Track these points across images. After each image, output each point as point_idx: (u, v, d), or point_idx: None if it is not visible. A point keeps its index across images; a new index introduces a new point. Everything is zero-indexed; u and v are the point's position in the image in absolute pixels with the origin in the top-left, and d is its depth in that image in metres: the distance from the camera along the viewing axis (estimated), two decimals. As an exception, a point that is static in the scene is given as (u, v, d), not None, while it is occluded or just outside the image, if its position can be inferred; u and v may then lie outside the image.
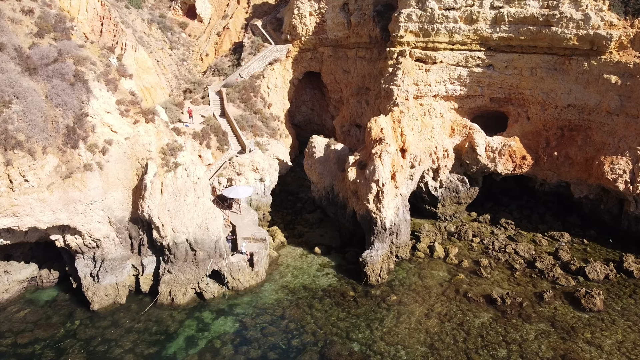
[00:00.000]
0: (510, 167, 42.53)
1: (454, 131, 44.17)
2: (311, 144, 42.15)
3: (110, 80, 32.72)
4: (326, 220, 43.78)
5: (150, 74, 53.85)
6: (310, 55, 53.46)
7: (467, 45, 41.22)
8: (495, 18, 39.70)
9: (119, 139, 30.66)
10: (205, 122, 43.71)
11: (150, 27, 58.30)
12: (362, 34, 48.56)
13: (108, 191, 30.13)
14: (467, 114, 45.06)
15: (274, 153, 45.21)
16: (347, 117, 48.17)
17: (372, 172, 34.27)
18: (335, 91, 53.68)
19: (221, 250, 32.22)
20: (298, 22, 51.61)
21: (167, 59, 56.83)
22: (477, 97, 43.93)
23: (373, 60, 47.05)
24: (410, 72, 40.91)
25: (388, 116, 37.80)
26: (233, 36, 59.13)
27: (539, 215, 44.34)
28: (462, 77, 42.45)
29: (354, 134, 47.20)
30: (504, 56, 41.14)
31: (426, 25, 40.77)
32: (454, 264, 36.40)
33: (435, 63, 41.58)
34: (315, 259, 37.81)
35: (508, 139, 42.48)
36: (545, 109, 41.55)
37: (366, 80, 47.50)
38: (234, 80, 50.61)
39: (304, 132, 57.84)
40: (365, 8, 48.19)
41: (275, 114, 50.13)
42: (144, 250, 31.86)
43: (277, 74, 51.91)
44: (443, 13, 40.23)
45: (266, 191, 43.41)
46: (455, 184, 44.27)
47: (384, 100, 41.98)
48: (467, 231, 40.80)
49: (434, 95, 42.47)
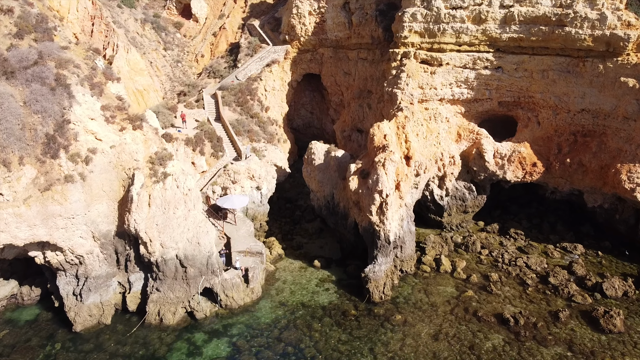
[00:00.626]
0: (520, 174, 40.42)
1: (460, 136, 42.03)
2: (310, 150, 40.03)
3: (96, 84, 30.60)
4: (326, 231, 41.67)
5: (143, 76, 51.72)
6: (310, 56, 51.30)
7: (474, 47, 39.08)
8: (504, 17, 37.57)
9: (103, 147, 28.54)
10: (199, 127, 41.58)
11: (143, 27, 56.19)
12: (363, 35, 46.40)
13: (92, 204, 28.03)
14: (474, 119, 42.94)
15: (271, 159, 43.08)
16: (348, 121, 46.04)
17: (375, 182, 32.14)
18: (335, 94, 51.52)
19: (213, 267, 30.10)
20: (297, 22, 49.46)
21: (161, 60, 54.72)
22: (484, 100, 41.81)
23: (375, 62, 44.91)
24: (414, 74, 38.77)
25: (392, 122, 35.66)
26: (230, 36, 57.01)
27: (550, 225, 42.21)
28: (469, 79, 40.33)
29: (356, 139, 45.06)
30: (513, 58, 39.00)
31: (432, 25, 38.63)
32: (462, 279, 34.26)
33: (441, 65, 39.44)
34: (314, 272, 35.68)
35: (517, 145, 40.35)
36: (557, 114, 39.40)
37: (368, 82, 45.35)
38: (229, 82, 48.49)
39: (303, 136, 55.72)
40: (367, 7, 46.03)
41: (273, 118, 48.00)
42: (131, 267, 29.73)
43: (275, 76, 49.78)
44: (450, 12, 38.09)
45: (263, 200, 41.29)
46: (462, 192, 42.15)
47: (387, 104, 39.85)
48: (475, 242, 38.66)
49: (440, 99, 40.34)
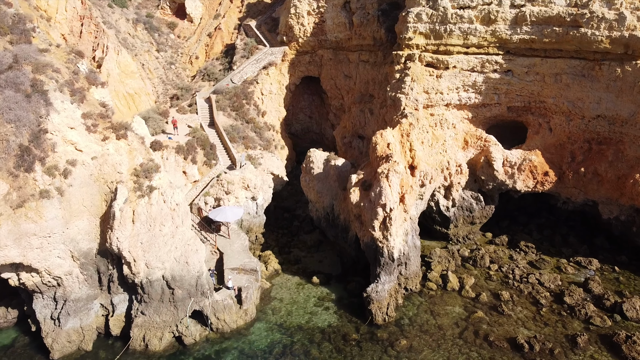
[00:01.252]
0: (531, 184, 38.18)
1: (467, 143, 39.78)
2: (309, 158, 37.79)
3: (77, 90, 28.37)
4: (326, 243, 39.46)
5: (134, 79, 49.51)
6: (309, 58, 48.98)
7: (483, 49, 36.81)
8: (515, 18, 35.31)
9: (84, 158, 26.31)
10: (192, 134, 39.32)
11: (135, 28, 53.94)
12: (365, 36, 44.09)
13: (70, 221, 25.79)
14: (482, 124, 40.68)
15: (267, 167, 40.82)
16: (348, 127, 43.78)
17: (378, 195, 29.90)
18: (335, 98, 49.23)
19: (203, 288, 27.86)
20: (295, 22, 47.17)
21: (153, 62, 52.47)
22: (493, 105, 39.55)
23: (377, 64, 42.61)
24: (419, 78, 36.51)
25: (395, 129, 33.41)
26: (225, 37, 54.75)
27: (562, 237, 39.94)
28: (477, 83, 38.06)
29: (357, 145, 42.81)
30: (524, 61, 36.73)
31: (438, 25, 36.36)
32: (471, 298, 32.01)
33: (448, 68, 37.17)
34: (313, 290, 33.46)
35: (528, 153, 38.10)
36: (571, 120, 37.15)
37: (370, 86, 43.07)
38: (224, 86, 46.23)
39: (301, 141, 53.49)
40: (369, 7, 43.75)
41: (269, 123, 45.75)
42: (114, 288, 27.49)
43: (272, 79, 47.50)
44: (457, 12, 35.82)
45: (259, 210, 39.05)
46: (469, 202, 39.90)
47: (390, 110, 37.60)
48: (484, 257, 36.40)
49: (446, 104, 38.08)
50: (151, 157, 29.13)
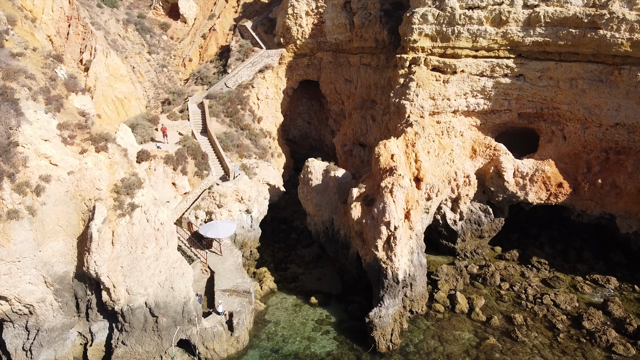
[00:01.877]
0: (544, 196, 35.84)
1: (475, 152, 37.42)
2: (307, 169, 35.43)
3: (53, 98, 26.00)
4: (325, 258, 37.10)
5: (123, 83, 47.17)
6: (307, 61, 46.56)
7: (493, 52, 34.44)
8: (528, 19, 32.93)
9: (59, 174, 23.94)
10: (183, 142, 36.92)
11: (126, 29, 51.55)
12: (366, 37, 41.66)
13: (44, 242, 23.43)
14: (491, 132, 38.34)
15: (263, 177, 38.45)
16: (349, 134, 41.38)
17: (382, 212, 27.52)
18: (335, 103, 46.81)
19: (191, 315, 25.47)
20: (292, 23, 44.75)
21: (144, 65, 50.10)
22: (502, 112, 37.23)
23: (380, 68, 40.18)
24: (425, 83, 34.13)
25: (400, 139, 31.03)
26: (220, 39, 52.36)
27: (576, 252, 37.62)
28: (486, 89, 35.69)
29: (358, 154, 40.42)
30: (537, 64, 34.36)
31: (445, 27, 33.98)
32: (482, 321, 29.65)
33: (455, 73, 34.79)
34: (311, 312, 31.11)
35: (541, 163, 35.73)
36: (587, 128, 34.78)
37: (372, 91, 40.66)
38: (218, 90, 43.85)
39: (300, 148, 51.12)
40: (371, 7, 41.32)
41: (266, 130, 43.36)
42: (93, 315, 25.09)
43: (268, 82, 45.10)
44: (465, 13, 33.44)
45: (254, 224, 36.66)
46: (478, 215, 37.53)
47: (394, 117, 35.23)
48: (494, 274, 34.04)
49: (454, 110, 35.71)
50: (134, 171, 26.74)
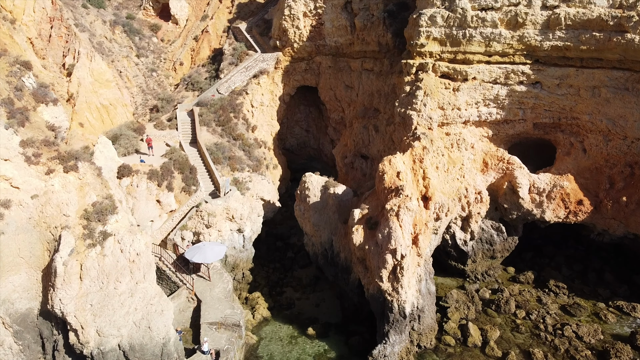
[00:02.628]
0: (562, 214, 32.91)
1: (487, 166, 34.47)
2: (304, 184, 32.49)
3: (17, 111, 23.16)
4: (323, 280, 34.19)
5: (109, 89, 44.13)
6: (305, 65, 43.58)
7: (508, 57, 31.50)
8: (547, 21, 29.98)
9: (22, 198, 21.07)
10: (169, 155, 33.97)
11: (113, 31, 48.58)
12: (369, 41, 38.65)
13: (3, 277, 20.57)
14: (503, 143, 35.41)
15: (257, 192, 35.49)
16: (350, 145, 38.39)
17: (387, 238, 24.57)
18: (335, 110, 43.82)
19: (171, 356, 22.53)
20: (289, 25, 41.78)
21: (132, 69, 47.12)
22: (516, 122, 34.29)
23: (383, 74, 37.20)
24: (433, 92, 31.18)
25: (406, 154, 28.08)
26: (213, 41, 49.40)
27: (596, 273, 34.69)
28: (499, 97, 32.75)
29: (359, 166, 37.46)
30: (556, 71, 31.43)
31: (455, 30, 31.02)
32: (497, 357, 26.69)
33: (467, 80, 31.85)
34: (308, 344, 28.20)
35: (559, 178, 32.77)
36: (610, 140, 31.83)
37: (374, 99, 37.67)
38: (209, 97, 40.87)
39: (297, 157, 48.19)
40: (373, 7, 38.33)
41: (260, 139, 40.41)
42: (60, 358, 22.14)
43: (263, 89, 42.15)
44: (478, 15, 30.47)
45: (246, 244, 33.73)
46: (489, 234, 34.59)
47: (399, 128, 32.27)
48: (509, 301, 31.08)
49: (464, 121, 32.76)
50: (109, 193, 23.81)
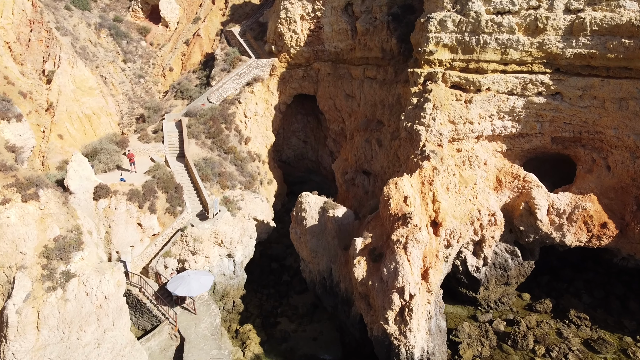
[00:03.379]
0: (584, 238, 29.97)
1: (500, 184, 31.51)
2: (300, 205, 29.54)
3: (-30, 130, 20.18)
4: (322, 309, 31.23)
5: (92, 97, 41.18)
6: (302, 72, 40.59)
7: (526, 66, 28.55)
8: (571, 27, 27.02)
9: (-30, 233, 18.12)
10: (152, 171, 30.98)
11: (98, 34, 45.62)
12: (371, 46, 35.65)
13: (-55, 328, 17.60)
14: (518, 158, 32.49)
15: (249, 212, 32.56)
16: (351, 160, 35.40)
17: (393, 274, 21.60)
18: (335, 121, 40.82)
19: (145, 416, 19.60)
20: (285, 29, 38.79)
21: (118, 75, 44.17)
22: (533, 136, 31.38)
23: (387, 83, 34.21)
24: (444, 104, 28.21)
25: (414, 176, 25.10)
26: (205, 45, 46.46)
27: (620, 301, 31.68)
28: (515, 109, 29.81)
29: (361, 183, 34.47)
30: (579, 81, 28.48)
31: (468, 36, 28.06)
32: (517, 405, 23.77)
33: (480, 91, 28.90)
34: (304, 388, 25.22)
35: (581, 199, 29.80)
36: (638, 157, 28.88)
37: (378, 110, 34.66)
38: (199, 106, 37.91)
39: (294, 170, 45.23)
40: (376, 10, 35.34)
41: (254, 152, 37.44)
42: (16, 417, 19.19)
43: (257, 97, 39.17)
44: (493, 19, 27.50)
45: (237, 269, 30.78)
46: (503, 258, 31.64)
47: (405, 144, 29.30)
48: (526, 336, 28.08)
49: (477, 136, 29.80)
50: (76, 224, 20.86)
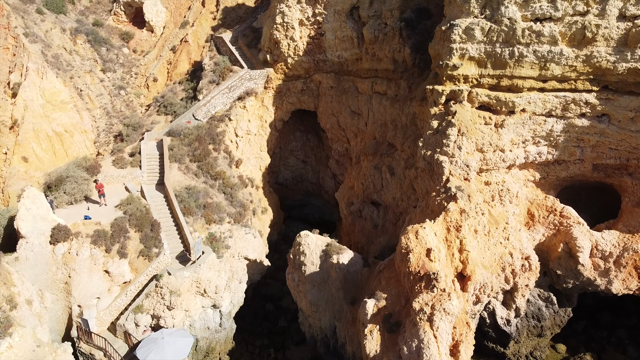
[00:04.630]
0: (635, 285, 25.37)
1: (533, 218, 26.85)
2: (298, 247, 24.89)
3: None
4: (324, 366, 26.57)
5: (65, 112, 36.59)
6: (301, 85, 35.86)
7: (568, 83, 23.85)
8: (625, 36, 22.32)
9: None
10: (124, 205, 26.33)
11: (74, 41, 40.97)
12: (381, 57, 30.90)
13: None
14: (552, 188, 27.87)
15: (240, 251, 27.96)
16: (357, 188, 30.68)
17: (416, 355, 16.93)
18: (338, 141, 36.07)
19: None
20: (282, 36, 34.09)
21: (96, 87, 39.55)
22: (571, 162, 26.70)
23: (400, 99, 29.46)
24: (470, 129, 23.52)
25: (438, 221, 20.43)
26: (193, 53, 41.82)
27: (673, 356, 27.09)
28: (553, 133, 25.14)
29: (369, 215, 29.75)
30: (631, 101, 23.76)
31: (500, 47, 23.36)
32: None
33: (513, 112, 24.20)
34: None
35: (630, 238, 25.14)
36: (700, 191, 24.26)
37: (389, 131, 29.91)
38: (184, 124, 33.26)
39: (292, 193, 40.57)
40: (387, 15, 30.62)
41: (246, 176, 32.79)
42: None
43: (250, 114, 34.47)
44: (531, 27, 22.80)
45: (224, 321, 26.13)
46: (537, 307, 27.03)
47: (424, 176, 24.62)
48: (569, 406, 23.52)
49: (508, 165, 25.13)
50: (9, 294, 16.23)
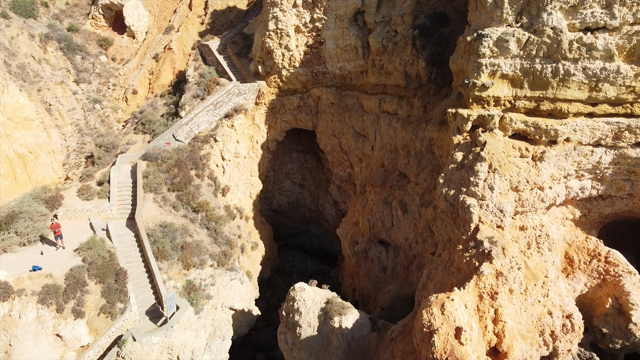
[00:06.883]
0: (699, 349, 20.91)
1: (572, 264, 22.49)
2: (292, 304, 20.52)
3: None
4: None
5: (29, 130, 32.22)
6: (298, 101, 31.44)
7: (623, 107, 19.48)
8: (699, 50, 17.96)
9: None
10: (84, 250, 21.94)
11: (45, 48, 36.58)
12: (390, 70, 26.41)
13: None
14: (593, 226, 23.52)
15: (224, 301, 23.57)
16: (363, 225, 26.21)
17: None
18: (340, 165, 31.62)
19: None
20: (276, 44, 29.68)
21: (68, 101, 35.15)
22: (618, 198, 22.36)
23: (414, 121, 24.98)
24: (504, 165, 19.11)
25: (469, 288, 16.02)
26: (178, 62, 37.44)
27: None
28: (601, 165, 20.79)
29: (376, 256, 25.31)
30: (699, 128, 19.43)
31: (540, 63, 18.94)
32: None
33: (555, 142, 19.80)
34: None
35: (693, 292, 20.75)
36: None
37: (400, 158, 25.44)
38: (162, 145, 28.88)
39: (288, 220, 36.13)
40: (397, 20, 26.17)
41: (234, 206, 28.43)
42: None
43: (239, 133, 30.07)
44: (581, 38, 18.40)
45: (203, 390, 21.75)
46: (578, 370, 22.59)
47: (445, 218, 20.19)
48: None
49: (548, 205, 20.75)
50: None
